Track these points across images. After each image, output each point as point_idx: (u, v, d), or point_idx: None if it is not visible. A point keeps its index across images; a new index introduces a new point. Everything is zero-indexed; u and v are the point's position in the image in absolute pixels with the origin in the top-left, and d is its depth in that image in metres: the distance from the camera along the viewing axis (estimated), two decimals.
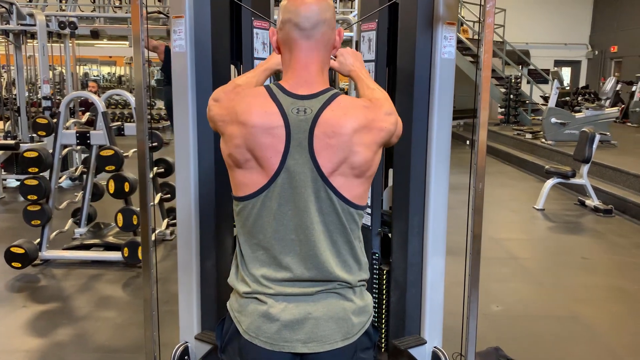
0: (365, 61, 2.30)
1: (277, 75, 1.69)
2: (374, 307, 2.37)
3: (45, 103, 6.31)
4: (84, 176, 4.65)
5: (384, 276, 2.34)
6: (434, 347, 2.35)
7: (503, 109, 12.09)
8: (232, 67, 2.35)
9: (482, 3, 1.98)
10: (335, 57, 1.50)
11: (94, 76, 19.64)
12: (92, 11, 12.25)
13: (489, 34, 1.96)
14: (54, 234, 4.24)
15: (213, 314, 2.33)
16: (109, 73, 22.79)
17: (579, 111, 9.39)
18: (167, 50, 6.68)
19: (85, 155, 5.19)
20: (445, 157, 2.26)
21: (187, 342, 2.32)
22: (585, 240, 5.05)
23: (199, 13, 2.14)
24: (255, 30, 2.23)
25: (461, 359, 2.50)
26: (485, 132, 2.11)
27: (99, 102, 3.94)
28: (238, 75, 2.33)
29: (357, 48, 2.38)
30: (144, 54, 2.05)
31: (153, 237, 4.41)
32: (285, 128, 1.19)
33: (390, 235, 2.32)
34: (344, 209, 1.23)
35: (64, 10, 10.91)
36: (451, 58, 2.20)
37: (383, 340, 2.37)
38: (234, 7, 2.15)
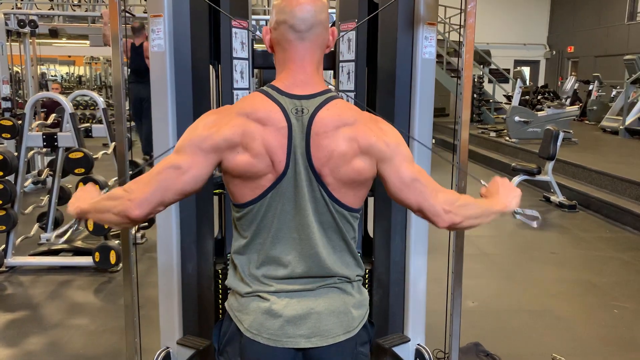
0: (345, 61, 2.30)
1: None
2: None
3: (5, 104, 6.09)
4: (47, 179, 4.51)
5: (367, 275, 2.34)
6: (418, 344, 2.37)
7: None
8: (211, 67, 2.32)
9: (463, 5, 2.00)
10: (487, 185, 1.45)
11: (52, 76, 19.09)
12: (49, 9, 11.88)
13: (470, 34, 1.98)
14: (20, 239, 4.10)
15: (195, 318, 2.28)
16: (67, 73, 22.19)
17: (540, 110, 9.64)
18: (133, 48, 6.56)
19: (50, 157, 5.04)
20: (427, 156, 2.29)
21: (168, 348, 2.27)
22: (552, 235, 5.19)
23: (178, 11, 2.10)
24: (233, 30, 2.19)
25: (445, 357, 2.53)
26: (467, 132, 2.14)
27: (67, 104, 3.82)
28: (216, 76, 2.29)
29: (336, 47, 2.37)
30: (123, 55, 2.00)
31: None
32: (288, 129, 1.19)
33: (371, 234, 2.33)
34: (337, 210, 1.24)
35: (19, 8, 10.54)
36: (432, 58, 2.22)
37: None
38: (212, 6, 2.12)
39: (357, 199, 1.26)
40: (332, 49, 2.40)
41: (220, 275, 2.21)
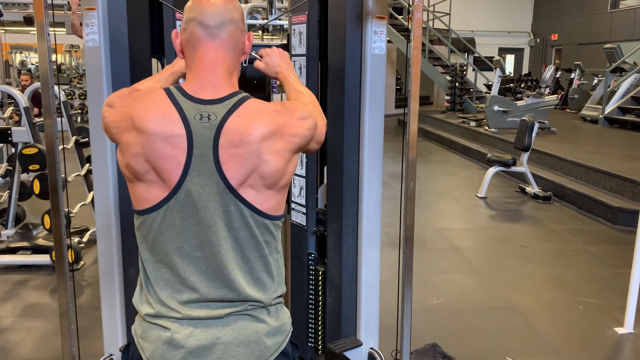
0: (297, 55, 2.21)
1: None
2: (311, 308, 2.30)
3: None
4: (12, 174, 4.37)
5: (320, 277, 2.27)
6: (371, 348, 2.31)
7: (449, 97, 12.25)
8: (156, 61, 2.22)
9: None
10: (261, 57, 1.46)
11: (32, 64, 18.70)
12: None
13: (417, 29, 1.89)
14: None
15: None
16: None
17: (521, 99, 9.61)
18: None
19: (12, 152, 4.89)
20: (378, 154, 2.21)
21: (112, 355, 2.19)
22: (524, 228, 5.15)
23: (114, 4, 1.99)
24: (177, 22, 2.09)
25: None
26: (415, 124, 2.05)
27: (21, 98, 3.69)
28: (161, 70, 2.20)
29: (288, 41, 2.28)
30: (50, 43, 1.89)
31: (86, 238, 4.18)
32: (187, 137, 1.09)
33: (326, 234, 2.25)
34: (257, 222, 1.15)
35: None
36: (382, 53, 2.13)
37: (320, 342, 2.32)
38: None
39: (281, 203, 1.19)
40: (277, 46, 2.31)
41: None
